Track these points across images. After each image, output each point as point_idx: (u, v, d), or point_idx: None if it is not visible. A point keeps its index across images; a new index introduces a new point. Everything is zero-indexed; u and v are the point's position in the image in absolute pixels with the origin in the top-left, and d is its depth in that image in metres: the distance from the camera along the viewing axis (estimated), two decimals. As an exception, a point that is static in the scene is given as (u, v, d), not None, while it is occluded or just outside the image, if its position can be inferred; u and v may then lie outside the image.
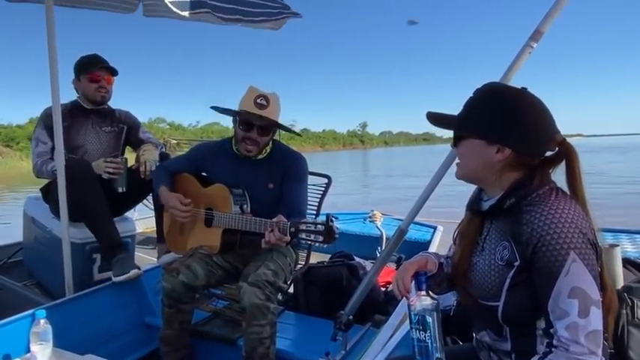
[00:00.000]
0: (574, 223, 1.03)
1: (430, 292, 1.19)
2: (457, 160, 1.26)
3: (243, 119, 2.17)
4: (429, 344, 1.13)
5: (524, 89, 1.17)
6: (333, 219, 1.78)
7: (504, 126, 1.13)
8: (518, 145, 1.13)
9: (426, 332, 1.13)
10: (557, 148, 1.15)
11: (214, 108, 2.34)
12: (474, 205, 1.27)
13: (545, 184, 1.12)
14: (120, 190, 2.62)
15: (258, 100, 2.13)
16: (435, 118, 1.27)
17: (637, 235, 3.42)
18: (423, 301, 1.16)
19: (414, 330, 1.16)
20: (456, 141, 1.23)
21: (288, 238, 1.86)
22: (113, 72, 2.83)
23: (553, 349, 1.01)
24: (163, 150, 3.00)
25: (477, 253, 1.24)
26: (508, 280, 1.10)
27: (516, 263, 1.08)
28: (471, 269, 1.24)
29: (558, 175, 1.17)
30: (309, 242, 1.82)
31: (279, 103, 2.22)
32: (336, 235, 1.77)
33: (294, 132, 2.37)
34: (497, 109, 1.14)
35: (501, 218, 1.17)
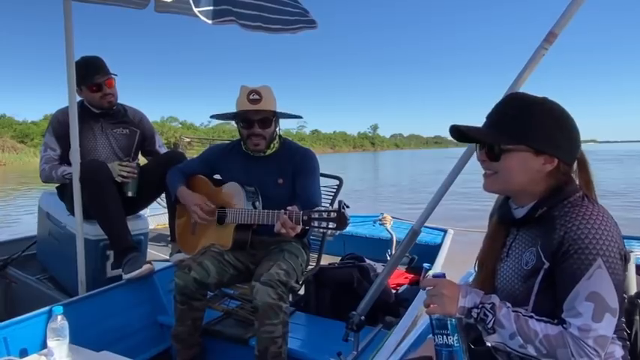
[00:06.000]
0: (607, 231, 1.05)
1: None
2: (488, 172, 1.21)
3: (242, 118, 2.23)
4: (454, 349, 1.13)
5: (546, 98, 1.17)
6: (345, 206, 1.78)
7: (554, 136, 1.13)
8: (565, 154, 1.15)
9: (453, 336, 1.13)
10: None
11: (214, 116, 2.42)
12: (503, 215, 1.27)
13: (573, 192, 1.14)
14: (129, 194, 2.63)
15: (251, 96, 2.19)
16: (464, 132, 1.19)
17: None
18: None
19: (438, 336, 1.14)
20: (492, 154, 1.18)
21: (300, 227, 1.86)
22: (111, 74, 2.74)
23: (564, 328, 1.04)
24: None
25: (501, 260, 1.26)
26: (537, 286, 1.12)
27: (545, 267, 1.10)
28: (495, 276, 1.26)
29: None
30: (322, 229, 1.82)
31: (272, 93, 2.26)
32: (349, 221, 1.77)
33: (294, 116, 2.40)
34: (542, 118, 1.14)
35: (530, 226, 1.18)
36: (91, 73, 2.66)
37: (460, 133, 1.21)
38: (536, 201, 1.17)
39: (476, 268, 1.36)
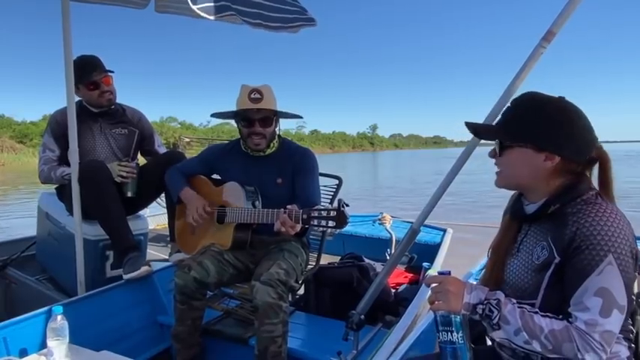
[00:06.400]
0: (620, 229, 1.06)
1: None
2: (497, 169, 1.27)
3: (242, 117, 2.24)
4: (458, 346, 1.13)
5: (562, 98, 1.19)
6: (345, 205, 1.79)
7: (555, 134, 1.15)
8: (568, 152, 1.16)
9: (457, 333, 1.13)
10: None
11: (214, 115, 2.41)
12: (516, 211, 1.30)
13: (587, 190, 1.15)
14: (128, 194, 2.63)
15: (252, 95, 2.20)
16: (476, 129, 1.32)
17: None
18: None
19: (442, 333, 1.15)
20: (500, 150, 1.24)
21: (299, 226, 1.87)
22: (108, 71, 2.74)
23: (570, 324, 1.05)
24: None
25: (512, 254, 1.27)
26: (546, 279, 1.12)
27: (556, 261, 1.11)
28: (505, 270, 1.27)
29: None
30: (322, 228, 1.83)
31: (273, 92, 2.27)
32: (348, 220, 1.78)
33: (294, 115, 2.40)
34: (546, 117, 1.17)
35: (542, 222, 1.20)
36: (87, 72, 2.65)
37: (473, 130, 1.32)
38: (548, 197, 1.19)
39: (488, 255, 1.37)
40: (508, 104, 1.26)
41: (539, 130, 1.16)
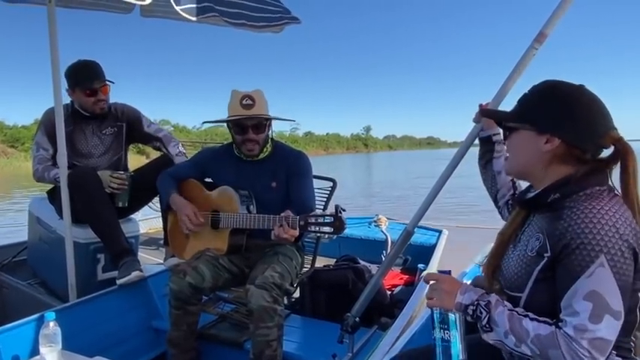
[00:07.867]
0: (615, 227, 0.99)
1: None
2: (506, 154, 1.30)
3: (235, 124, 2.23)
4: (452, 344, 1.13)
5: (580, 85, 1.16)
6: (342, 210, 1.78)
7: (555, 115, 1.12)
8: (568, 135, 1.11)
9: (450, 331, 1.14)
10: (612, 147, 1.12)
11: (207, 122, 2.41)
12: (520, 197, 1.28)
13: (594, 185, 1.08)
14: (120, 205, 2.61)
15: (244, 102, 2.18)
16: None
17: None
18: None
19: (436, 330, 1.16)
20: (507, 134, 1.26)
21: (297, 232, 1.88)
22: (109, 81, 2.74)
23: (558, 329, 1.00)
24: (179, 149, 2.92)
25: (513, 244, 1.25)
26: (535, 273, 1.09)
27: (546, 255, 1.06)
28: (504, 259, 1.25)
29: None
30: (319, 234, 1.84)
31: (264, 97, 2.26)
32: (345, 225, 1.79)
33: (287, 119, 2.39)
34: (548, 99, 1.15)
35: (542, 212, 1.17)
36: (89, 78, 2.65)
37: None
38: (547, 185, 1.15)
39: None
40: (525, 91, 1.25)
41: (542, 109, 1.15)
